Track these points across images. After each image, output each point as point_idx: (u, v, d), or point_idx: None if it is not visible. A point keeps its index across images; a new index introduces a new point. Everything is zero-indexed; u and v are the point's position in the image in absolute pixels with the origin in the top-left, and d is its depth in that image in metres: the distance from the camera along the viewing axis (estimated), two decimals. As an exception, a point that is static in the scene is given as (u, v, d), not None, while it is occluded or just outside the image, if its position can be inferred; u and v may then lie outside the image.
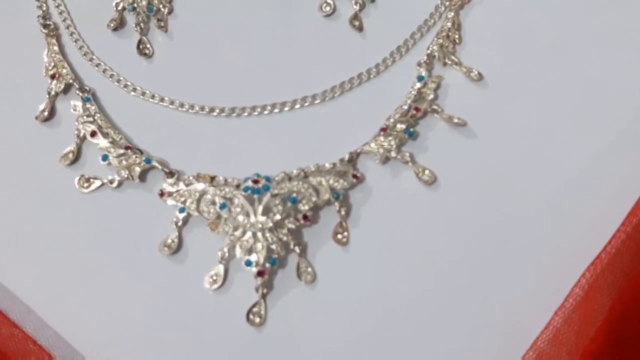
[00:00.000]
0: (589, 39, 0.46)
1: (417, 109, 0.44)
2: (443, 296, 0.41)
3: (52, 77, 0.46)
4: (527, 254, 0.41)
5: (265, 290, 0.41)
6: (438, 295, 0.41)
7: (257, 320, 0.40)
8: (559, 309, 0.39)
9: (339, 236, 0.42)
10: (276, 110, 0.45)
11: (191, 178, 0.43)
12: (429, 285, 0.42)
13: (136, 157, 0.43)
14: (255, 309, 0.41)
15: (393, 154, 0.43)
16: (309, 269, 0.41)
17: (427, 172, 0.43)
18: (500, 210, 0.43)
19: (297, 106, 0.45)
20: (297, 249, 0.41)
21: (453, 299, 0.41)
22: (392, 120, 0.44)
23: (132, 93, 0.46)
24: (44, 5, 0.48)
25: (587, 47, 0.46)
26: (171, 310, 0.41)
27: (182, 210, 0.42)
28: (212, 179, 0.43)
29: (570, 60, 0.45)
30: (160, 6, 0.48)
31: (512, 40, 0.46)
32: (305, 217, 0.42)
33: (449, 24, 0.47)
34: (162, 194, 0.43)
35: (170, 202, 0.42)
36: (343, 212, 0.42)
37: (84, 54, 0.47)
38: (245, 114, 0.45)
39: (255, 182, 0.42)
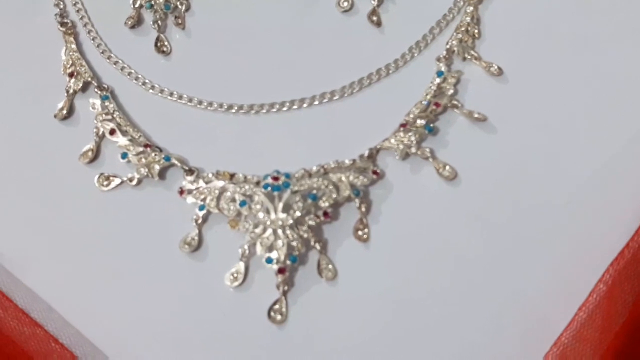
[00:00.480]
0: (610, 33, 0.46)
1: (436, 104, 0.44)
2: (464, 292, 0.41)
3: (71, 75, 0.46)
4: (548, 249, 0.41)
5: (286, 288, 0.41)
6: (459, 291, 0.41)
7: (279, 317, 0.40)
8: (582, 305, 0.39)
9: (360, 233, 0.42)
10: (295, 107, 0.45)
11: (210, 175, 0.43)
12: (450, 281, 0.41)
13: (155, 154, 0.43)
14: (276, 307, 0.40)
15: (413, 149, 0.43)
16: (330, 266, 0.41)
17: (447, 167, 0.43)
18: (522, 205, 0.42)
19: (316, 103, 0.45)
20: (317, 246, 0.41)
21: (474, 294, 0.41)
22: (411, 115, 0.44)
23: (151, 91, 0.46)
24: (61, 3, 0.48)
25: (608, 41, 0.46)
26: (192, 308, 0.41)
27: (202, 207, 0.42)
28: (232, 176, 0.42)
29: (591, 55, 0.45)
30: (178, 3, 0.48)
31: (532, 35, 0.46)
32: (325, 213, 0.42)
33: (468, 19, 0.47)
34: (181, 192, 0.43)
35: (190, 199, 0.42)
36: (363, 209, 0.42)
37: (102, 52, 0.47)
38: (264, 110, 0.45)
39: (275, 179, 0.42)
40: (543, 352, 0.39)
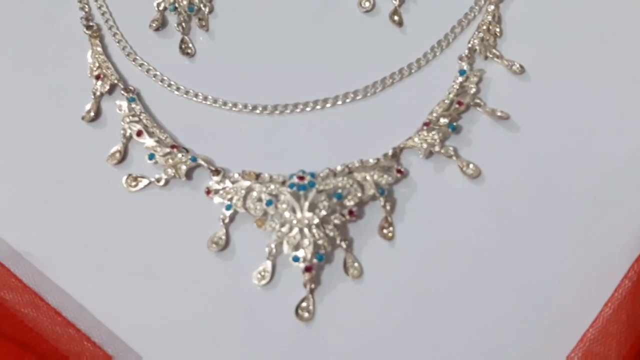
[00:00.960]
0: (632, 30, 0.46)
1: (459, 103, 0.45)
2: (488, 288, 0.42)
3: (97, 77, 0.46)
4: (573, 246, 0.42)
5: (313, 286, 0.41)
6: (483, 287, 0.42)
7: (306, 315, 0.41)
8: (608, 301, 0.39)
9: (385, 231, 0.42)
10: (318, 107, 0.46)
11: (236, 175, 0.43)
12: (475, 278, 0.42)
13: (182, 155, 0.44)
14: (303, 304, 0.41)
15: (437, 148, 0.44)
16: (356, 264, 0.42)
17: (471, 165, 0.43)
18: (545, 203, 0.43)
19: (340, 102, 0.46)
20: (343, 244, 0.42)
21: (499, 291, 0.42)
22: (435, 114, 0.44)
23: (176, 92, 0.46)
24: (86, 6, 0.49)
25: (630, 38, 0.46)
26: (220, 306, 0.42)
27: (228, 207, 0.43)
28: (257, 176, 0.43)
29: (613, 52, 0.46)
30: (201, 5, 0.48)
31: (553, 33, 0.46)
32: (350, 212, 0.42)
33: (490, 18, 0.47)
34: (208, 192, 0.43)
35: (217, 199, 0.43)
36: (388, 207, 0.42)
37: (127, 54, 0.47)
38: (288, 111, 0.46)
39: (301, 178, 0.42)
40: (569, 348, 0.39)
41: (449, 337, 0.41)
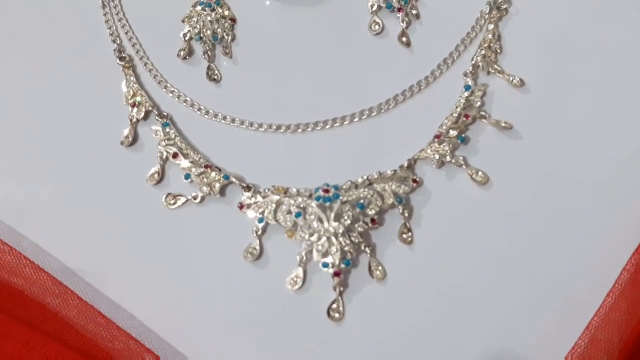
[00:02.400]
0: (626, 41, 0.50)
1: (466, 116, 0.49)
2: (502, 284, 0.46)
3: (133, 105, 0.50)
4: (577, 243, 0.46)
5: (341, 289, 0.45)
6: (497, 284, 0.46)
7: (337, 315, 0.45)
8: (610, 291, 0.44)
9: (404, 236, 0.47)
10: (337, 124, 0.50)
11: (266, 190, 0.47)
12: (488, 276, 0.46)
13: (215, 174, 0.48)
14: (334, 306, 0.45)
15: (448, 158, 0.48)
16: (380, 267, 0.46)
17: (480, 173, 0.48)
18: (549, 204, 0.47)
19: (356, 119, 0.50)
20: (367, 250, 0.46)
21: (511, 286, 0.46)
22: (444, 127, 0.49)
23: (205, 116, 0.50)
24: (118, 39, 0.53)
25: (624, 49, 0.50)
26: (258, 310, 0.46)
27: (261, 220, 0.47)
28: (286, 190, 0.47)
29: (608, 62, 0.50)
30: (224, 34, 0.53)
31: (549, 46, 0.51)
32: (372, 220, 0.46)
33: (490, 35, 0.51)
34: (241, 207, 0.47)
35: (250, 213, 0.47)
36: (406, 214, 0.47)
37: (159, 82, 0.52)
38: (309, 129, 0.50)
39: (326, 191, 0.47)
40: (576, 335, 0.44)
41: (466, 330, 0.45)
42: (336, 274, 0.45)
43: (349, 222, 0.46)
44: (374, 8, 0.53)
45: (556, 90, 0.50)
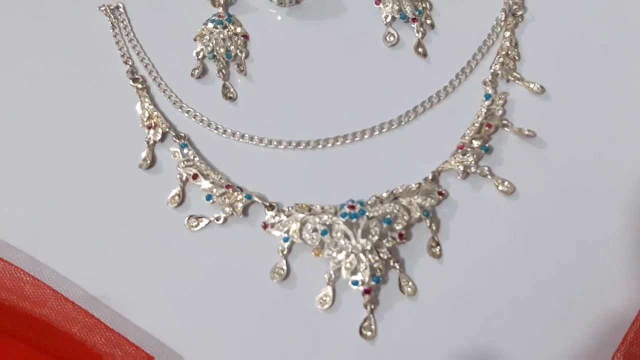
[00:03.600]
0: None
1: (489, 125, 0.48)
2: (532, 294, 0.45)
3: (149, 127, 0.50)
4: (609, 253, 0.45)
5: (372, 306, 0.45)
6: (528, 294, 0.45)
7: (369, 334, 0.44)
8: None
9: (433, 250, 0.46)
10: (357, 139, 0.49)
11: (290, 209, 0.47)
12: (518, 285, 0.45)
13: (237, 194, 0.47)
14: (366, 324, 0.44)
15: (472, 169, 0.47)
16: (410, 283, 0.45)
17: (506, 183, 0.47)
18: (578, 212, 0.46)
19: (376, 133, 0.49)
20: (396, 265, 0.45)
21: (541, 296, 0.45)
22: (467, 137, 0.48)
23: (223, 135, 0.50)
24: (129, 60, 0.52)
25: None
26: (288, 332, 0.45)
27: (286, 239, 0.46)
28: (310, 208, 0.46)
29: (628, 65, 0.49)
30: (237, 51, 0.52)
31: (567, 51, 0.50)
32: (400, 235, 0.46)
33: (507, 43, 0.51)
34: (265, 226, 0.47)
35: (275, 232, 0.46)
36: (434, 227, 0.46)
37: (174, 103, 0.51)
38: (329, 144, 0.49)
39: (352, 207, 0.46)
40: (612, 350, 0.43)
41: (499, 344, 0.44)
42: (367, 292, 0.44)
43: (376, 238, 0.45)
44: (388, 19, 0.52)
45: (577, 95, 0.49)
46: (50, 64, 0.52)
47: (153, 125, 0.49)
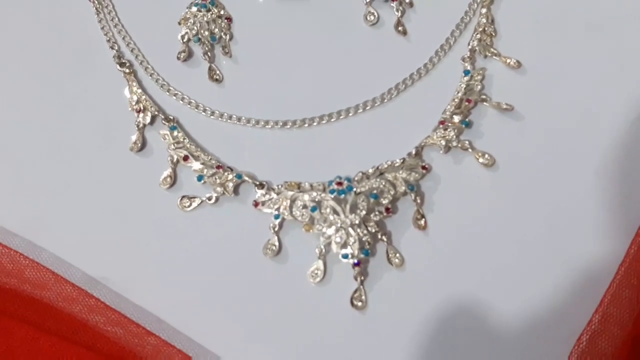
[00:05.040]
0: (616, 17, 0.52)
1: (468, 101, 0.50)
2: (514, 262, 0.47)
3: (138, 111, 0.51)
4: (587, 219, 0.47)
5: (362, 278, 0.47)
6: (509, 261, 0.47)
7: (360, 304, 0.46)
8: (619, 266, 0.45)
9: (419, 222, 0.48)
10: (342, 117, 0.51)
11: (280, 187, 0.48)
12: (500, 253, 0.48)
13: (227, 174, 0.49)
14: (356, 295, 0.46)
15: (454, 143, 0.49)
16: (397, 255, 0.47)
17: (486, 155, 0.49)
18: (556, 181, 0.49)
19: (360, 110, 0.51)
20: (384, 238, 0.47)
21: (526, 262, 0.47)
22: (447, 113, 0.50)
23: (211, 117, 0.51)
24: (115, 45, 0.53)
25: (615, 25, 0.52)
26: (281, 305, 0.47)
27: (277, 216, 0.48)
28: (299, 185, 0.48)
29: (601, 39, 0.51)
30: (222, 34, 0.53)
31: (542, 27, 0.52)
32: (387, 209, 0.48)
33: (484, 19, 0.53)
34: (256, 204, 0.48)
35: (266, 210, 0.48)
36: (418, 201, 0.48)
37: (161, 86, 0.52)
38: (315, 123, 0.51)
39: (339, 184, 0.48)
40: (590, 312, 0.45)
41: (484, 309, 0.47)
42: (357, 264, 0.46)
43: (364, 212, 0.47)
44: (368, -1, 0.53)
45: (552, 69, 0.51)
46: (37, 52, 0.53)
47: (142, 108, 0.50)
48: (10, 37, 0.53)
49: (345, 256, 0.46)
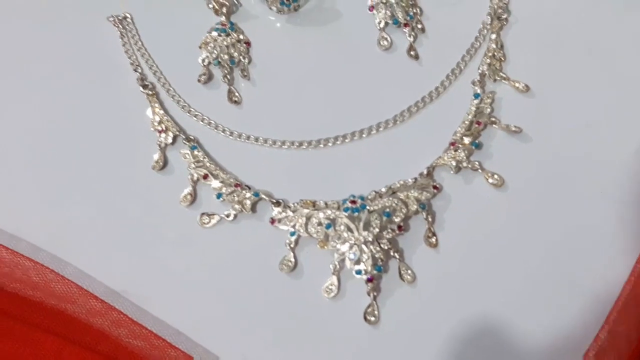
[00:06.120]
0: (620, 41, 0.54)
1: (478, 123, 0.52)
2: (526, 279, 0.49)
3: (160, 131, 0.53)
4: (592, 238, 0.49)
5: (375, 294, 0.48)
6: (519, 277, 0.49)
7: (373, 319, 0.48)
8: (625, 284, 0.47)
9: (430, 240, 0.50)
10: (356, 138, 0.53)
11: (295, 205, 0.50)
12: (511, 275, 0.49)
13: (245, 192, 0.51)
14: (369, 310, 0.48)
15: (464, 164, 0.51)
16: (409, 271, 0.49)
17: (495, 176, 0.51)
18: (563, 202, 0.50)
19: (374, 132, 0.53)
20: (396, 255, 0.49)
21: (534, 280, 0.49)
22: (458, 135, 0.52)
23: (230, 137, 0.53)
24: (138, 67, 0.55)
25: (620, 48, 0.54)
26: (297, 319, 0.48)
27: (293, 233, 0.50)
28: (314, 203, 0.50)
29: (606, 62, 0.53)
30: (241, 57, 0.55)
31: (550, 51, 0.54)
32: (399, 227, 0.49)
33: (493, 45, 0.55)
34: (272, 221, 0.50)
35: (282, 227, 0.50)
36: (430, 219, 0.50)
37: (182, 107, 0.54)
38: (330, 144, 0.53)
39: (353, 202, 0.49)
40: (599, 326, 0.47)
41: (494, 325, 0.48)
42: (369, 280, 0.48)
43: (377, 230, 0.48)
44: (382, 24, 0.55)
45: (560, 93, 0.53)
46: (65, 74, 0.55)
47: (164, 129, 0.52)
48: (40, 60, 0.55)
49: (359, 272, 0.48)
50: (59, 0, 0.56)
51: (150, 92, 0.53)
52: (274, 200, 0.50)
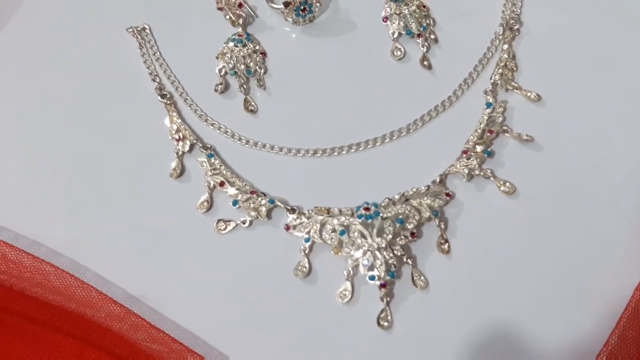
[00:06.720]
0: (631, 52, 0.54)
1: (490, 131, 0.53)
2: (535, 284, 0.49)
3: (177, 140, 0.54)
4: (602, 245, 0.50)
5: (388, 299, 0.49)
6: (530, 284, 0.50)
7: (386, 324, 0.49)
8: (635, 290, 0.47)
9: (442, 246, 0.50)
10: (369, 146, 0.54)
11: (310, 211, 0.51)
12: (522, 281, 0.50)
13: (261, 199, 0.52)
14: (382, 315, 0.49)
15: (476, 171, 0.52)
16: (422, 277, 0.50)
17: (507, 184, 0.51)
18: (574, 209, 0.51)
19: (387, 140, 0.54)
20: (409, 261, 0.50)
21: (545, 287, 0.49)
22: (470, 143, 0.53)
23: (246, 145, 0.54)
24: (157, 77, 0.57)
25: (630, 59, 0.54)
26: (311, 324, 0.49)
27: (307, 239, 0.51)
28: (328, 210, 0.51)
29: (617, 72, 0.54)
30: (257, 68, 0.56)
31: (562, 61, 0.55)
32: (412, 234, 0.50)
33: (505, 55, 0.55)
34: (287, 228, 0.51)
35: (297, 233, 0.51)
36: (442, 226, 0.51)
37: (199, 116, 0.55)
38: (344, 152, 0.54)
39: (367, 209, 0.50)
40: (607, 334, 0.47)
41: (505, 330, 0.49)
42: (383, 286, 0.49)
43: (390, 236, 0.49)
44: (395, 35, 0.56)
45: (571, 102, 0.54)
46: (85, 83, 0.56)
47: (181, 137, 0.54)
48: (61, 70, 0.56)
49: (372, 278, 0.49)
50: (81, 13, 0.58)
51: (168, 102, 0.55)
52: (289, 207, 0.51)
